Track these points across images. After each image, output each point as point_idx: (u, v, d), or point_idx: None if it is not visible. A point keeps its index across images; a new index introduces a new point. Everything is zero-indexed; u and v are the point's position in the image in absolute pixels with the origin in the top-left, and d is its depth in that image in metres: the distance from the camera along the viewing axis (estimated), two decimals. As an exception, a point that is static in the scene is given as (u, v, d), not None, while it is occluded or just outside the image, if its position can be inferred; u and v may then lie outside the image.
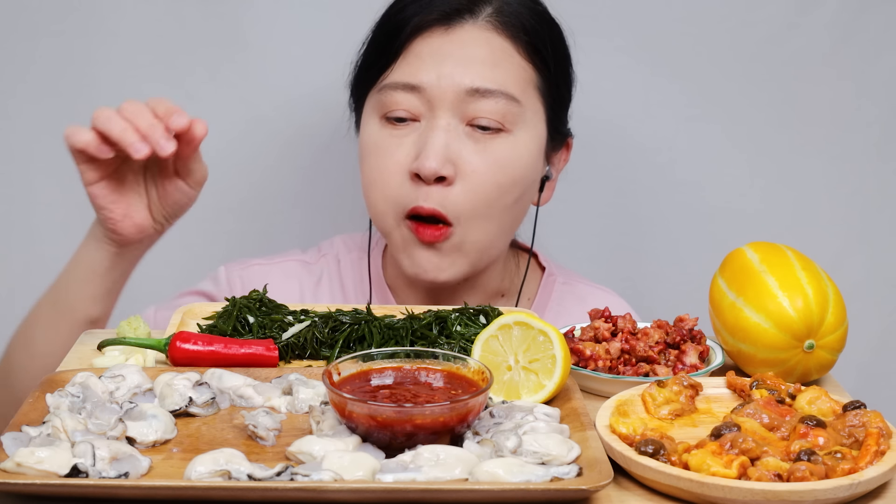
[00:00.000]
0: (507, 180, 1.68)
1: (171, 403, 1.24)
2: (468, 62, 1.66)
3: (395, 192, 1.68)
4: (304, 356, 1.44)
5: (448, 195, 1.66)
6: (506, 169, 1.67)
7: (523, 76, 1.69)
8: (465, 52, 1.67)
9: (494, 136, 1.67)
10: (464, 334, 1.44)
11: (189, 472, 1.09)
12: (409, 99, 1.67)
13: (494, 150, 1.67)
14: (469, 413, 1.17)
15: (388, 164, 1.68)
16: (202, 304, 1.55)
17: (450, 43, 1.68)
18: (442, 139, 1.65)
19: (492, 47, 1.68)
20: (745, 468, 1.12)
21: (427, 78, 1.66)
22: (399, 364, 1.26)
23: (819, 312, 1.35)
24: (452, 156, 1.66)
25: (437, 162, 1.63)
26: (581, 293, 1.88)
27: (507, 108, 1.66)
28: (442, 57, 1.67)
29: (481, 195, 1.67)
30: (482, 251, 1.72)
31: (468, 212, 1.67)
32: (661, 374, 1.38)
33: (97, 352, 1.43)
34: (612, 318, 1.46)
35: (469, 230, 1.68)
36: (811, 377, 1.39)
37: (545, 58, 1.72)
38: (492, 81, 1.66)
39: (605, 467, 1.11)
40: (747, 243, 1.45)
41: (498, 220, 1.70)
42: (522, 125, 1.69)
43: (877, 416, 1.20)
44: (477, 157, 1.66)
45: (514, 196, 1.70)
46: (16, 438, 1.15)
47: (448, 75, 1.66)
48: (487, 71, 1.66)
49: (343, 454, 1.11)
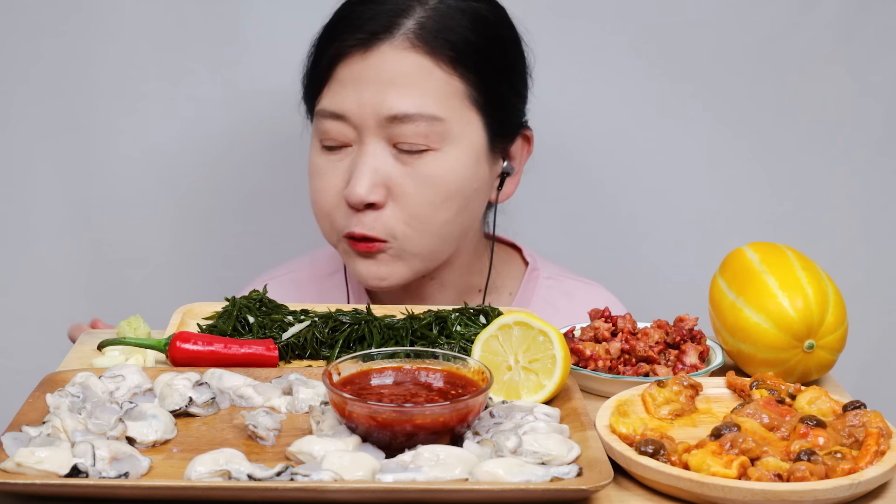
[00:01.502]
0: (439, 197, 1.68)
1: (171, 403, 1.24)
2: (384, 87, 1.65)
3: (333, 215, 1.71)
4: (304, 356, 1.44)
5: (380, 218, 1.68)
6: (437, 187, 1.67)
7: (446, 90, 1.67)
8: (381, 77, 1.66)
9: (422, 157, 1.67)
10: (464, 334, 1.44)
11: (189, 472, 1.09)
12: (337, 126, 1.68)
13: (423, 171, 1.67)
14: (469, 413, 1.17)
15: (327, 187, 1.71)
16: (202, 304, 1.55)
17: (367, 68, 1.67)
18: (369, 165, 1.66)
19: (408, 67, 1.66)
20: (745, 468, 1.12)
21: (349, 106, 1.67)
22: (399, 364, 1.26)
23: (819, 312, 1.35)
24: (382, 180, 1.67)
25: (363, 190, 1.65)
26: (567, 288, 1.88)
27: (429, 128, 1.66)
28: (361, 83, 1.66)
29: (414, 215, 1.68)
30: (424, 260, 1.73)
31: (402, 231, 1.69)
32: (661, 374, 1.38)
33: (97, 352, 1.43)
34: (612, 318, 1.46)
35: (406, 244, 1.70)
36: (811, 377, 1.39)
37: (476, 65, 1.69)
38: (409, 105, 1.65)
39: (605, 467, 1.11)
40: (747, 243, 1.45)
41: (437, 233, 1.70)
42: (450, 140, 1.68)
43: (877, 416, 1.20)
44: (407, 178, 1.67)
45: (451, 210, 1.70)
46: (16, 438, 1.15)
47: (368, 102, 1.65)
48: (404, 95, 1.65)
49: (343, 454, 1.11)
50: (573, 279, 1.91)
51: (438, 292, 1.82)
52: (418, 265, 1.72)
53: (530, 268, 1.89)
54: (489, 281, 1.86)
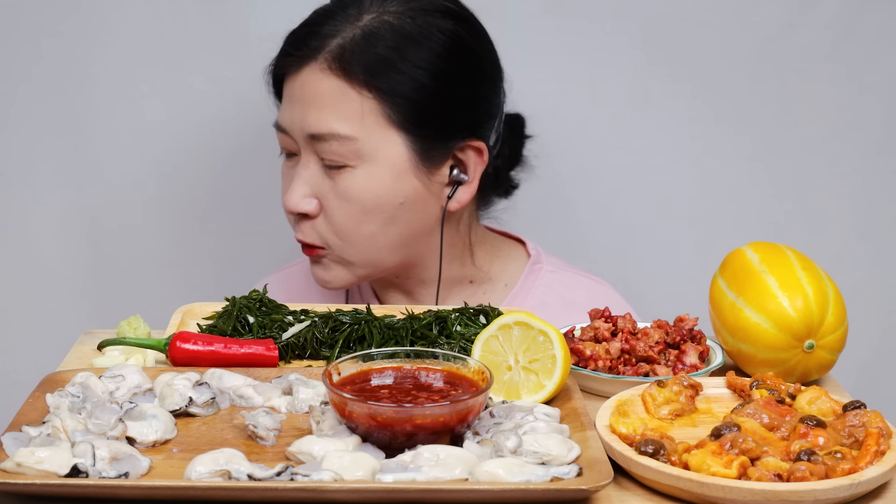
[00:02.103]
0: (358, 212, 1.73)
1: (171, 403, 1.24)
2: (306, 106, 1.72)
3: (289, 220, 1.81)
4: (304, 356, 1.44)
5: (314, 227, 1.76)
6: (354, 202, 1.73)
7: (359, 110, 1.71)
8: (304, 96, 1.73)
9: (340, 173, 1.72)
10: (464, 334, 1.44)
11: (189, 472, 1.09)
12: (284, 139, 1.77)
13: (341, 186, 1.73)
14: (469, 413, 1.17)
15: (282, 195, 1.79)
16: (202, 304, 1.55)
17: (295, 87, 1.74)
18: (302, 177, 1.74)
19: (324, 88, 1.71)
20: (745, 468, 1.12)
21: (286, 121, 1.75)
22: (399, 364, 1.26)
23: (819, 312, 1.35)
24: (313, 191, 1.74)
25: (293, 201, 1.74)
26: (570, 282, 1.89)
27: (342, 147, 1.71)
28: (293, 101, 1.75)
29: (341, 226, 1.74)
30: (365, 267, 1.78)
31: (333, 241, 1.75)
32: (661, 374, 1.38)
33: (97, 352, 1.43)
34: (612, 318, 1.46)
35: (341, 252, 1.76)
36: (811, 377, 1.39)
37: (394, 85, 1.71)
38: (323, 125, 1.71)
39: (605, 467, 1.11)
40: (747, 243, 1.45)
41: (367, 244, 1.75)
42: (365, 158, 1.72)
43: (877, 416, 1.20)
44: (330, 193, 1.74)
45: (375, 223, 1.74)
46: (16, 438, 1.15)
47: (297, 119, 1.73)
48: (320, 115, 1.71)
49: (343, 454, 1.11)
50: (577, 274, 1.92)
51: (423, 287, 1.84)
52: (360, 271, 1.78)
53: (532, 260, 1.90)
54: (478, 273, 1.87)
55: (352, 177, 1.72)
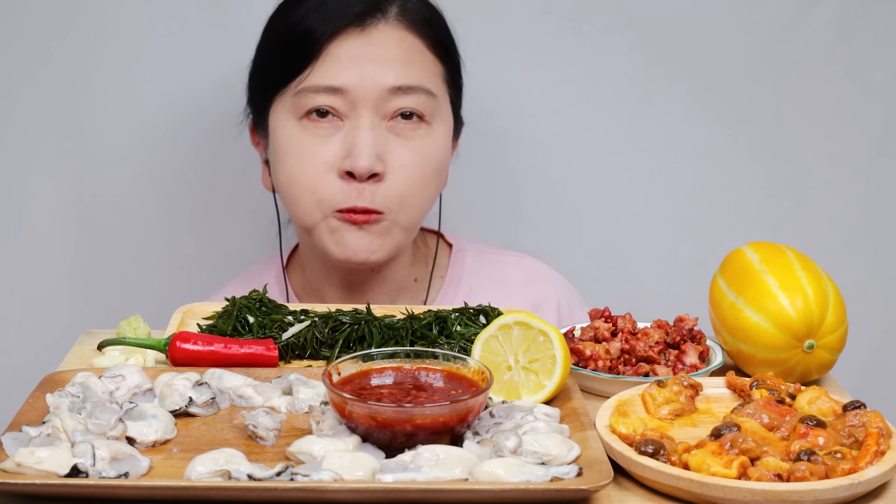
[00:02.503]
0: (430, 170, 1.74)
1: (171, 403, 1.24)
2: (387, 62, 1.71)
3: (322, 190, 1.72)
4: (304, 356, 1.44)
5: (378, 190, 1.71)
6: (430, 160, 1.74)
7: (434, 70, 1.75)
8: (384, 53, 1.72)
9: (416, 129, 1.72)
10: (464, 334, 1.44)
11: (189, 472, 1.09)
12: (331, 100, 1.71)
13: (418, 144, 1.73)
14: (469, 413, 1.17)
15: (315, 163, 1.71)
16: (202, 304, 1.55)
17: (368, 44, 1.72)
18: (370, 138, 1.70)
19: (405, 46, 1.73)
20: (745, 468, 1.12)
21: (349, 80, 1.70)
22: (399, 364, 1.26)
23: (819, 312, 1.35)
24: (380, 152, 1.71)
25: (368, 160, 1.68)
26: (497, 262, 1.90)
27: (426, 102, 1.72)
28: (361, 58, 1.72)
29: (408, 187, 1.72)
30: (407, 233, 1.77)
31: (397, 203, 1.72)
32: (661, 374, 1.38)
33: (97, 352, 1.43)
34: (612, 318, 1.46)
35: (399, 216, 1.74)
36: (811, 377, 1.39)
37: (448, 51, 1.78)
38: (412, 78, 1.72)
39: (605, 467, 1.11)
40: (747, 243, 1.45)
41: (421, 206, 1.76)
42: (438, 118, 1.75)
43: (877, 416, 1.20)
44: (402, 150, 1.72)
45: (436, 182, 1.77)
46: (16, 438, 1.15)
47: (370, 76, 1.70)
48: (405, 69, 1.72)
49: (343, 454, 1.11)
50: (501, 253, 1.93)
51: (379, 286, 1.83)
52: (401, 239, 1.76)
53: (455, 248, 1.91)
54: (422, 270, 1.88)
55: (429, 135, 1.73)
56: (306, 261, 1.87)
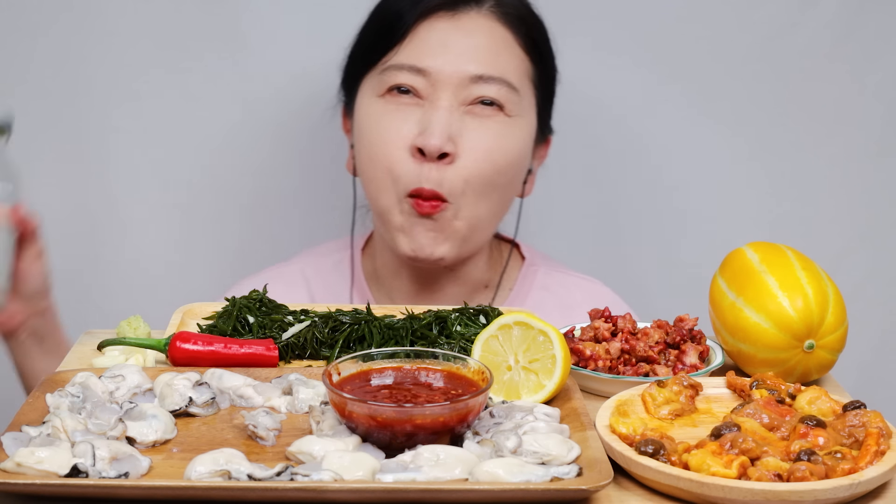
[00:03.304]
0: (503, 160, 1.74)
1: (171, 403, 1.24)
2: (473, 50, 1.73)
3: (397, 168, 1.73)
4: (304, 356, 1.44)
5: (446, 173, 1.72)
6: (503, 149, 1.73)
7: (521, 67, 1.75)
8: (471, 40, 1.74)
9: (494, 115, 1.73)
10: (464, 334, 1.44)
11: (189, 472, 1.09)
12: (413, 79, 1.74)
13: (493, 129, 1.73)
14: (469, 413, 1.17)
15: (392, 136, 1.74)
16: (202, 304, 1.55)
17: (456, 30, 1.74)
18: (445, 118, 1.71)
19: (494, 37, 1.74)
20: (745, 468, 1.12)
21: (433, 63, 1.73)
22: (399, 364, 1.26)
23: (819, 312, 1.35)
24: (453, 134, 1.71)
25: (440, 139, 1.70)
26: (564, 282, 1.91)
27: (507, 94, 1.73)
28: (448, 43, 1.74)
29: (476, 172, 1.72)
30: (473, 228, 1.76)
31: (464, 188, 1.72)
32: (661, 374, 1.38)
33: (97, 352, 1.43)
34: (612, 318, 1.46)
35: (462, 207, 1.73)
36: (811, 377, 1.39)
37: (540, 52, 1.78)
38: (494, 69, 1.73)
39: (605, 467, 1.11)
40: (747, 243, 1.45)
41: (489, 199, 1.75)
42: (519, 113, 1.75)
43: (877, 416, 1.20)
44: (477, 133, 1.73)
45: (507, 178, 1.76)
46: (16, 438, 1.15)
47: (454, 62, 1.72)
48: (491, 59, 1.73)
49: (343, 454, 1.11)
50: (570, 275, 1.93)
51: (451, 285, 1.84)
52: (466, 233, 1.75)
53: (527, 262, 1.91)
54: (494, 277, 1.89)
55: (505, 125, 1.74)
56: (378, 250, 1.89)
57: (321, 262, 1.93)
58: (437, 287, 1.84)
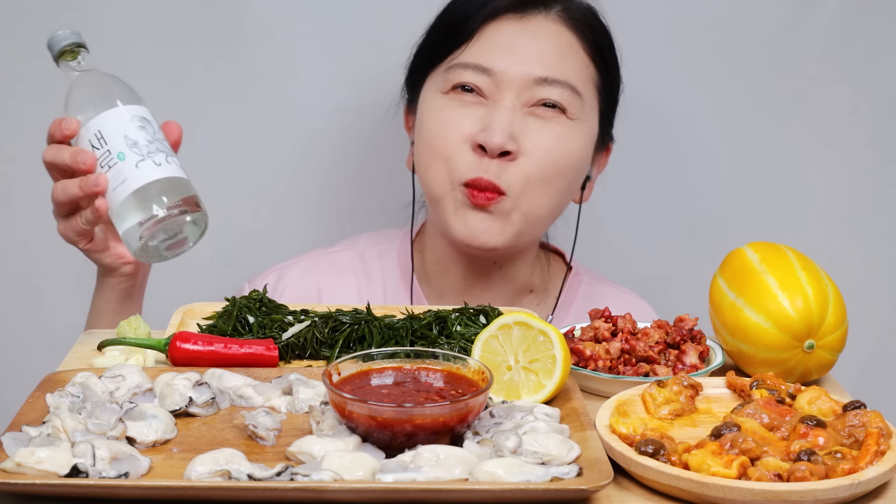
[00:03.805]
0: (564, 161, 1.75)
1: (171, 403, 1.24)
2: (539, 52, 1.75)
3: (455, 159, 1.75)
4: (304, 356, 1.44)
5: (507, 169, 1.73)
6: (564, 149, 1.75)
7: (585, 72, 1.77)
8: (537, 43, 1.76)
9: (556, 117, 1.75)
10: (464, 334, 1.44)
11: (189, 472, 1.09)
12: (478, 78, 1.76)
13: (556, 130, 1.75)
14: (469, 413, 1.17)
15: (453, 131, 1.75)
16: (202, 304, 1.55)
17: (523, 32, 1.76)
18: (507, 117, 1.73)
19: (560, 41, 1.76)
20: (745, 468, 1.12)
21: (499, 63, 1.75)
22: (399, 364, 1.26)
23: (819, 312, 1.35)
24: (515, 133, 1.73)
25: (502, 137, 1.71)
26: (605, 293, 1.93)
27: (570, 98, 1.75)
28: (515, 45, 1.76)
29: (537, 171, 1.74)
30: (529, 223, 1.77)
31: (523, 186, 1.74)
32: (661, 374, 1.38)
33: (97, 352, 1.43)
34: (612, 318, 1.46)
35: (520, 202, 1.75)
36: (811, 377, 1.39)
37: (605, 59, 1.80)
38: (559, 72, 1.75)
39: (605, 467, 1.11)
40: (747, 243, 1.45)
41: (547, 197, 1.76)
42: (580, 117, 1.77)
43: (877, 416, 1.20)
44: (539, 133, 1.74)
45: (566, 179, 1.77)
46: (16, 438, 1.15)
47: (519, 63, 1.74)
48: (556, 62, 1.75)
49: (343, 454, 1.11)
50: (611, 286, 1.96)
51: (501, 284, 1.86)
52: (521, 228, 1.76)
53: (573, 272, 1.95)
54: (539, 283, 1.91)
55: (567, 126, 1.75)
56: (429, 244, 1.90)
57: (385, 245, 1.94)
58: (486, 284, 1.86)
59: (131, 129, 1.48)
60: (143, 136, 1.47)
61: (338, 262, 1.93)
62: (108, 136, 1.47)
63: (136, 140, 1.47)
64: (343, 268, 1.92)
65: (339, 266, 1.92)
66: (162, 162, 1.47)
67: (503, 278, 1.86)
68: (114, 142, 1.47)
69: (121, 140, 1.47)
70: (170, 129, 1.56)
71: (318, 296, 1.87)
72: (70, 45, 1.55)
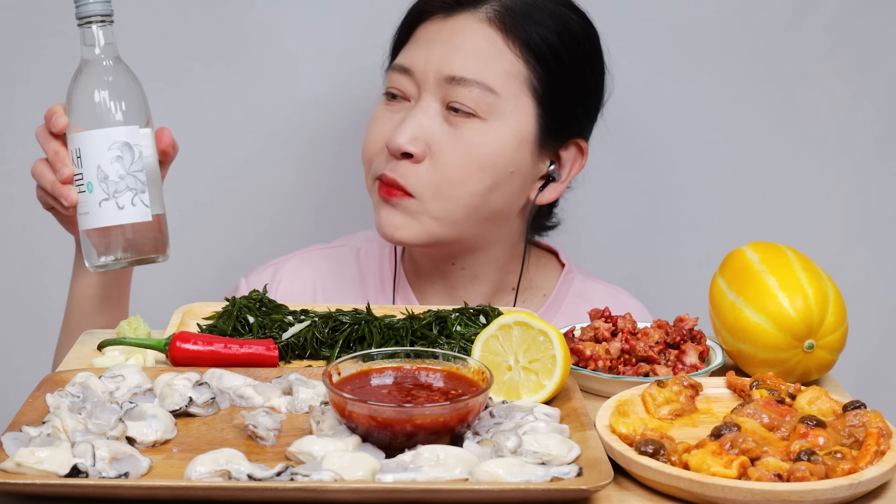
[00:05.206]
0: (472, 165, 1.73)
1: (171, 403, 1.24)
2: (453, 50, 1.73)
3: (374, 160, 1.78)
4: (304, 356, 1.44)
5: (413, 171, 1.73)
6: (473, 155, 1.73)
7: (509, 70, 1.74)
8: (454, 41, 1.74)
9: (466, 121, 1.73)
10: (464, 334, 1.44)
11: (189, 472, 1.09)
12: (402, 80, 1.76)
13: (465, 135, 1.73)
14: (469, 413, 1.17)
15: (376, 134, 1.78)
16: (202, 304, 1.55)
17: (443, 31, 1.75)
18: (417, 119, 1.73)
19: (478, 38, 1.74)
20: (745, 468, 1.12)
21: (416, 62, 1.75)
22: (399, 364, 1.26)
23: (819, 312, 1.35)
24: (425, 136, 1.73)
25: (402, 139, 1.71)
26: (599, 292, 1.91)
27: (481, 97, 1.72)
28: (433, 43, 1.75)
29: (445, 176, 1.73)
30: (445, 224, 1.75)
31: (430, 189, 1.73)
32: (661, 374, 1.38)
33: (97, 352, 1.43)
34: (612, 318, 1.46)
35: (429, 206, 1.74)
36: (811, 377, 1.39)
37: (546, 60, 1.75)
38: (470, 71, 1.72)
39: (605, 467, 1.11)
40: (747, 243, 1.45)
41: (462, 202, 1.74)
42: (498, 116, 1.73)
43: (877, 416, 1.20)
44: (448, 139, 1.73)
45: (482, 182, 1.74)
46: (16, 438, 1.15)
47: (434, 60, 1.74)
48: (468, 61, 1.73)
49: (343, 454, 1.11)
50: (604, 285, 1.95)
51: (471, 283, 1.85)
52: (435, 229, 1.75)
53: (566, 270, 1.93)
54: (522, 281, 1.89)
55: (479, 129, 1.73)
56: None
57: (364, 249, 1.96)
58: (454, 284, 1.85)
59: (106, 160, 1.46)
60: (116, 169, 1.46)
61: (333, 258, 1.94)
62: (85, 160, 1.47)
63: (107, 174, 1.46)
64: (338, 263, 1.93)
65: (334, 262, 1.93)
66: (125, 204, 1.46)
67: (467, 277, 1.85)
68: (88, 168, 1.47)
69: (93, 170, 1.46)
70: (159, 137, 1.56)
71: (314, 290, 1.88)
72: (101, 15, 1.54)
